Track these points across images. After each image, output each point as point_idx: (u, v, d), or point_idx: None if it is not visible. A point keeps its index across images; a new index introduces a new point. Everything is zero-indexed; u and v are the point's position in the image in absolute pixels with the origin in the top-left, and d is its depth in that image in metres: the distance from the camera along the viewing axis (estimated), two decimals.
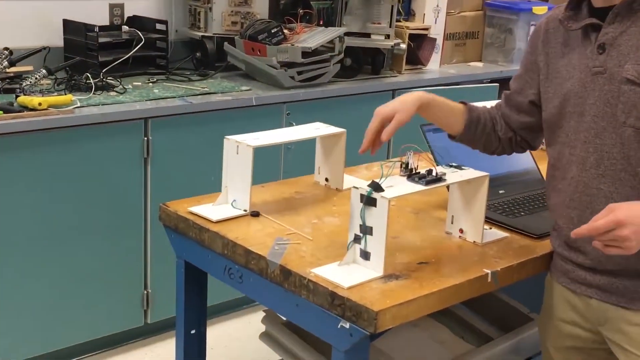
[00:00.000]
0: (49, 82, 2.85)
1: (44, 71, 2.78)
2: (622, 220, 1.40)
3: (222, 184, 1.92)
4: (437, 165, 1.82)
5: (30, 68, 2.88)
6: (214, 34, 3.32)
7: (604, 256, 1.53)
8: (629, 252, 1.43)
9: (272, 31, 3.19)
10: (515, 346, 1.92)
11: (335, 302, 1.50)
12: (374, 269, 1.58)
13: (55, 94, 2.72)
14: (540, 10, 4.02)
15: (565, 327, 1.72)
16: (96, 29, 2.97)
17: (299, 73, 3.18)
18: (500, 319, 2.01)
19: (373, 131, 1.70)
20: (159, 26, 3.22)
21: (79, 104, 2.67)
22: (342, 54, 3.32)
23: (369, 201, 1.56)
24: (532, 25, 4.01)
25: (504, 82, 3.96)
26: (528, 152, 2.19)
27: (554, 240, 1.74)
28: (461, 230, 1.79)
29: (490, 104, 1.96)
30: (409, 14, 3.75)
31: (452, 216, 1.80)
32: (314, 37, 3.25)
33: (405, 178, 1.68)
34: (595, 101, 1.56)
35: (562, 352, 1.74)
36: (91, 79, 2.85)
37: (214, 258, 1.78)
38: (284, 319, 2.01)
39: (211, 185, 1.97)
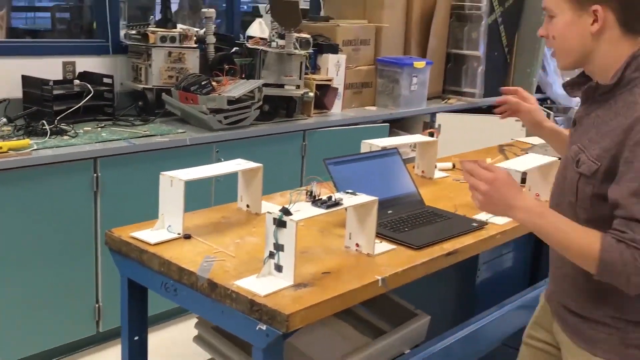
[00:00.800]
0: (9, 128, 2.76)
1: (4, 119, 2.71)
2: (492, 180, 1.39)
3: (159, 212, 1.89)
4: (337, 192, 1.83)
5: None
6: (153, 86, 3.28)
7: (556, 287, 1.54)
8: (476, 203, 1.43)
9: (203, 83, 3.18)
10: (403, 338, 1.95)
11: (254, 308, 1.50)
12: (286, 279, 1.58)
13: (15, 138, 2.63)
14: (419, 64, 4.13)
15: (538, 330, 1.71)
16: (51, 83, 2.89)
17: (226, 117, 3.17)
18: (392, 315, 2.04)
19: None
20: (106, 80, 3.16)
21: (35, 147, 2.59)
22: (261, 101, 3.33)
23: (280, 223, 1.57)
24: (414, 76, 4.12)
25: (393, 122, 4.06)
26: (410, 178, 2.25)
27: None
28: (357, 245, 1.81)
29: None
30: (315, 68, 3.79)
31: (350, 233, 1.82)
32: (237, 88, 3.25)
33: (310, 203, 1.69)
34: (562, 166, 1.53)
35: (528, 347, 1.74)
36: (47, 125, 2.77)
37: (152, 275, 1.75)
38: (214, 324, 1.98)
39: (152, 213, 1.94)
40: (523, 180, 2.32)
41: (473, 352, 2.21)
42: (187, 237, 1.84)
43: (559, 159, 2.72)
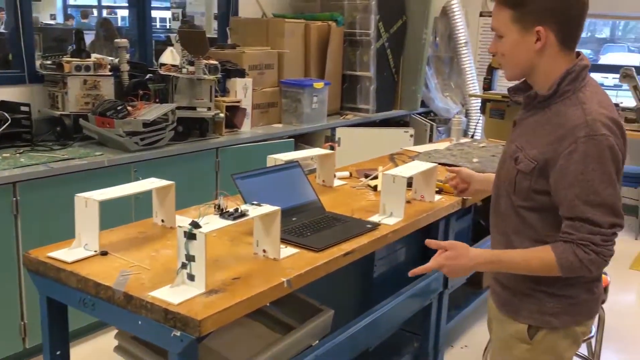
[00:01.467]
0: None
1: None
2: (442, 262, 1.54)
3: (75, 232, 1.79)
4: (245, 204, 1.80)
5: None
6: (70, 112, 3.13)
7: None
8: (452, 275, 1.57)
9: (118, 108, 3.06)
10: (310, 332, 1.94)
11: (168, 316, 1.44)
12: (198, 287, 1.53)
13: None
14: (318, 85, 4.16)
15: (489, 314, 1.77)
16: None
17: (142, 139, 3.06)
18: (300, 312, 2.02)
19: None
20: (23, 108, 2.98)
21: None
22: (175, 123, 3.24)
23: (190, 236, 1.52)
24: (314, 95, 4.14)
25: (297, 137, 4.07)
26: (311, 187, 2.25)
27: None
28: (264, 250, 1.78)
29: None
30: (224, 91, 3.73)
31: (257, 240, 1.79)
32: (151, 111, 3.15)
33: (218, 216, 1.65)
34: (502, 160, 1.60)
35: (491, 332, 1.79)
36: None
37: (71, 292, 1.65)
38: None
39: (70, 233, 1.83)
40: (410, 184, 2.37)
41: (374, 338, 2.22)
42: (104, 253, 1.76)
43: (443, 164, 2.82)
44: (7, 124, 2.85)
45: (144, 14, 3.95)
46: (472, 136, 5.25)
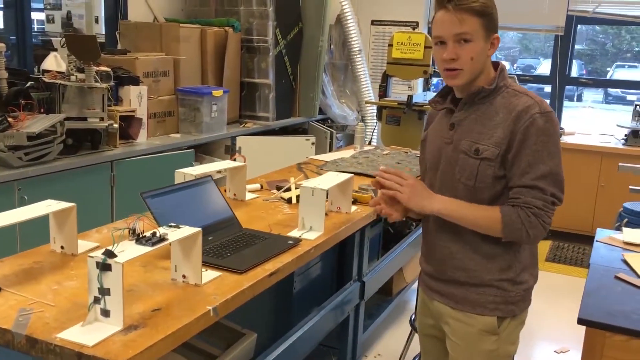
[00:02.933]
0: None
1: None
2: (408, 180, 1.65)
3: None
4: (159, 226, 1.65)
5: None
6: None
7: (441, 266, 1.68)
8: (400, 198, 1.65)
9: None
10: (234, 359, 1.82)
11: None
12: (114, 324, 1.36)
13: None
14: (217, 93, 4.01)
15: (424, 320, 1.84)
16: None
17: (26, 154, 2.77)
18: (222, 338, 1.89)
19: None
20: None
21: None
22: (64, 135, 2.97)
23: (104, 267, 1.35)
24: (213, 104, 3.99)
25: (197, 147, 3.89)
26: (226, 202, 2.12)
27: (420, 257, 1.83)
28: (184, 276, 1.64)
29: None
30: (117, 100, 3.48)
31: (175, 265, 1.65)
32: (36, 123, 2.86)
33: (134, 242, 1.49)
34: (443, 162, 1.65)
35: (425, 338, 1.87)
36: None
37: None
38: None
39: None
40: (327, 196, 2.31)
41: (296, 358, 2.14)
42: None
43: (356, 174, 2.79)
44: None
45: (23, 15, 3.59)
46: (369, 142, 5.32)
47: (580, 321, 1.68)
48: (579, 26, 5.52)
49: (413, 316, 2.88)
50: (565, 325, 3.51)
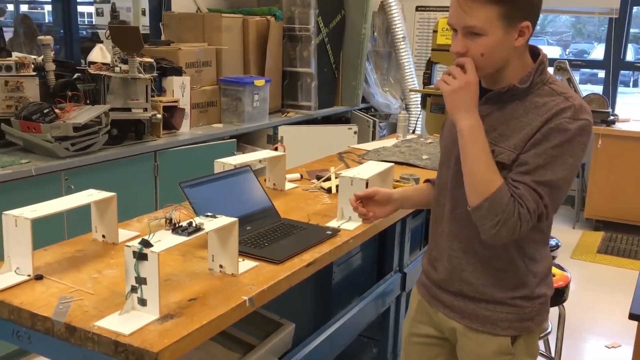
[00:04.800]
0: None
1: None
2: (466, 77, 1.34)
3: (4, 254, 1.58)
4: (197, 215, 1.65)
5: None
6: None
7: (449, 276, 1.50)
8: (447, 89, 1.35)
9: (45, 111, 2.81)
10: (271, 349, 1.81)
11: (119, 349, 1.28)
12: (151, 312, 1.37)
13: None
14: (259, 82, 4.01)
15: (418, 327, 1.66)
16: None
17: (73, 144, 2.83)
18: (259, 328, 1.88)
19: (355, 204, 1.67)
20: None
21: None
22: (109, 126, 3.02)
23: (141, 256, 1.36)
24: (255, 93, 3.99)
25: (239, 137, 3.91)
26: (264, 192, 2.11)
27: (423, 257, 1.66)
28: (221, 266, 1.64)
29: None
30: (161, 91, 3.53)
31: (213, 255, 1.65)
32: (82, 114, 2.92)
33: (170, 232, 1.49)
34: (457, 162, 1.43)
35: (412, 345, 1.70)
36: None
37: (2, 324, 1.44)
38: None
39: None
40: (366, 185, 2.27)
41: (335, 349, 2.12)
42: (39, 277, 1.56)
43: (398, 163, 2.74)
44: None
45: (69, 9, 3.67)
46: (413, 131, 5.24)
47: (632, 316, 1.60)
48: (634, 8, 5.27)
49: None
50: (617, 319, 3.37)
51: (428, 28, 5.70)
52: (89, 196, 1.77)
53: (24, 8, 10.72)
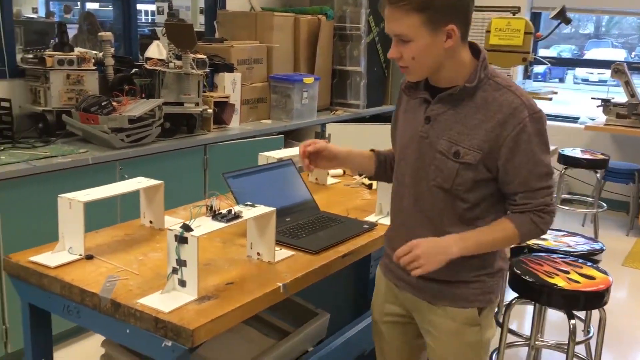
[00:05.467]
0: None
1: None
2: (415, 243, 1.48)
3: (59, 234, 1.70)
4: (237, 204, 1.72)
5: None
6: (53, 107, 3.02)
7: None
8: (425, 270, 1.48)
9: (103, 104, 2.96)
10: (306, 337, 1.87)
11: (158, 325, 1.36)
12: (189, 293, 1.45)
13: None
14: (308, 80, 4.08)
15: (389, 307, 1.74)
16: None
17: (128, 136, 2.96)
18: (295, 316, 1.95)
19: (303, 150, 1.70)
20: (3, 104, 2.87)
21: None
22: (162, 119, 3.15)
23: (182, 240, 1.44)
24: (304, 91, 4.07)
25: (287, 133, 3.98)
26: (305, 186, 2.17)
27: (385, 243, 1.74)
28: (258, 253, 1.71)
29: None
30: (212, 87, 3.64)
31: (251, 243, 1.72)
32: (137, 107, 3.05)
33: (210, 218, 1.57)
34: (418, 156, 1.54)
35: (386, 325, 1.75)
36: None
37: (54, 299, 1.56)
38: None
39: (54, 235, 1.74)
40: None
41: (370, 341, 2.15)
42: (89, 257, 1.67)
43: None
44: None
45: (129, 7, 3.84)
46: None
47: None
48: None
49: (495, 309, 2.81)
50: None
51: (482, 28, 5.64)
52: (138, 183, 1.88)
53: (92, 6, 11.19)
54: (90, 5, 11.03)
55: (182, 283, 1.46)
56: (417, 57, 1.44)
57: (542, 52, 7.80)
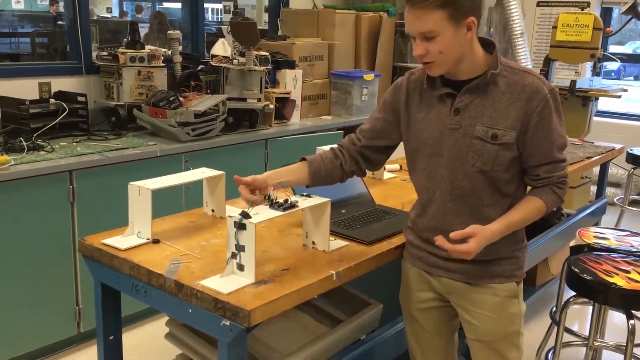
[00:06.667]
0: None
1: None
2: (471, 232, 1.54)
3: (129, 220, 1.83)
4: (294, 195, 1.80)
5: None
6: (125, 102, 3.19)
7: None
8: (470, 257, 1.56)
9: (171, 99, 3.11)
10: (359, 325, 1.92)
11: (218, 305, 1.45)
12: (247, 277, 1.54)
13: None
14: (369, 77, 4.12)
15: (421, 295, 1.79)
16: (27, 102, 2.79)
17: (193, 130, 3.10)
18: (348, 305, 2.00)
19: (247, 197, 1.62)
20: (80, 98, 3.06)
21: (13, 162, 2.49)
22: (226, 114, 3.27)
23: (240, 226, 1.52)
24: (364, 87, 4.11)
25: (346, 129, 4.04)
26: (361, 180, 2.22)
27: (409, 235, 1.79)
28: (314, 242, 1.77)
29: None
30: (274, 83, 3.75)
31: (307, 232, 1.79)
32: (203, 102, 3.19)
33: (268, 207, 1.65)
34: (451, 148, 1.61)
35: (421, 312, 1.81)
36: (24, 142, 2.67)
37: (123, 278, 1.68)
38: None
39: (125, 220, 1.87)
40: None
41: None
42: (156, 241, 1.78)
43: None
44: (64, 114, 2.93)
45: (197, 6, 3.99)
46: None
47: None
48: None
49: (554, 308, 2.77)
50: None
51: (549, 24, 5.51)
52: (202, 173, 1.98)
53: (164, 5, 11.60)
54: (164, 4, 11.45)
55: (241, 267, 1.55)
56: (444, 51, 1.52)
57: (615, 49, 7.52)
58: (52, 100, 3.02)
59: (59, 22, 4.67)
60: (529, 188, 1.70)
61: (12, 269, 2.52)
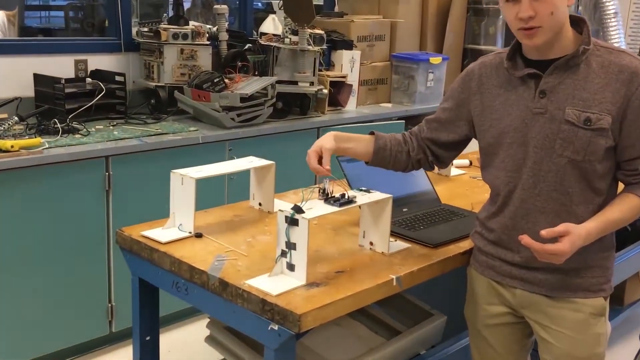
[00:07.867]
0: (21, 127, 2.75)
1: (16, 118, 2.70)
2: (565, 230, 1.50)
3: (170, 211, 1.89)
4: (351, 189, 1.82)
5: (4, 115, 2.78)
6: (165, 83, 3.28)
7: (531, 253, 1.57)
8: (560, 262, 1.53)
9: (215, 81, 3.17)
10: (419, 338, 1.93)
11: (265, 307, 1.49)
12: (298, 278, 1.57)
13: (26, 137, 2.64)
14: (435, 60, 4.10)
15: (491, 309, 1.77)
16: (62, 81, 2.90)
17: (238, 115, 3.16)
18: (407, 315, 2.01)
19: (315, 167, 1.69)
20: (118, 78, 3.16)
21: (47, 146, 2.59)
22: (274, 99, 3.32)
23: (292, 221, 1.55)
24: (430, 72, 4.09)
25: (408, 119, 4.03)
26: (426, 176, 2.23)
27: (478, 240, 1.78)
28: (371, 243, 1.79)
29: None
30: (329, 65, 3.77)
31: (364, 231, 1.80)
32: (250, 85, 3.24)
33: (322, 201, 1.67)
34: (535, 135, 1.59)
35: (490, 329, 1.79)
36: (58, 124, 2.78)
37: (163, 274, 1.74)
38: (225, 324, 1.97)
39: (163, 211, 1.93)
40: None
41: None
42: (199, 235, 1.84)
43: None
44: (101, 94, 3.03)
45: None
46: None
47: None
48: None
49: None
50: None
51: None
52: (250, 162, 2.03)
53: None
54: None
55: (291, 267, 1.58)
56: (555, 11, 1.51)
57: None
58: (89, 80, 3.15)
59: None
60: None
61: (41, 260, 2.63)
